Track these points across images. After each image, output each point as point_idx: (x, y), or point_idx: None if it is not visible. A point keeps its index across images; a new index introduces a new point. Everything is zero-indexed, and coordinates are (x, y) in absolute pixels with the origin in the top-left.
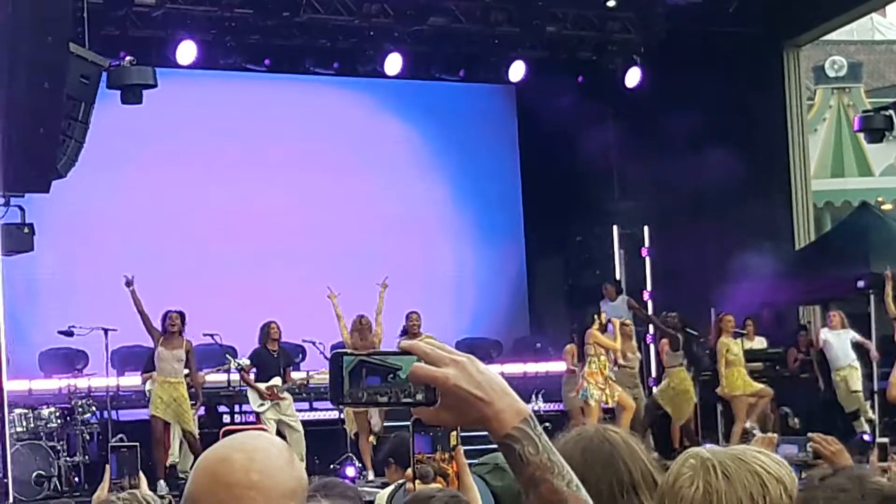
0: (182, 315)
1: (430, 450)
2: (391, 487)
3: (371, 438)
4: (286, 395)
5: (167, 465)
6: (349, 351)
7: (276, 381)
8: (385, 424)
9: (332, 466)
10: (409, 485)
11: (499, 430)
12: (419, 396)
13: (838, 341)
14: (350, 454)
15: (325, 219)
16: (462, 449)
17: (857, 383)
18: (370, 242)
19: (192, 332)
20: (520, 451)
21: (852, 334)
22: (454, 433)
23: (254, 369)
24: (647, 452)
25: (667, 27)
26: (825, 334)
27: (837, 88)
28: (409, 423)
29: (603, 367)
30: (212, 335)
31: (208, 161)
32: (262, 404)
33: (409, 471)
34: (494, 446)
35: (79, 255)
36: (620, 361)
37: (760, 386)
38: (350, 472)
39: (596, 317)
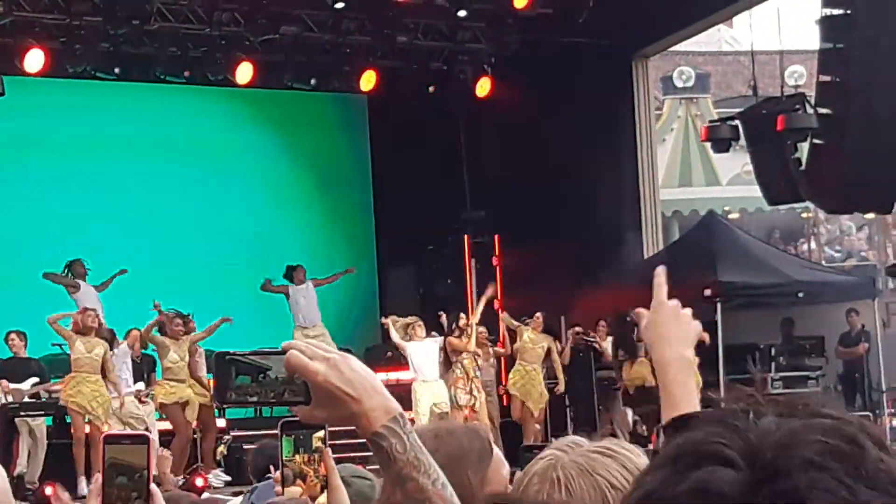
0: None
1: (292, 452)
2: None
3: (221, 449)
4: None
5: (14, 475)
6: (229, 352)
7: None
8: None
9: (182, 478)
10: (277, 488)
11: (367, 428)
12: (287, 395)
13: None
14: (200, 464)
15: (175, 228)
16: (330, 451)
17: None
18: (220, 251)
19: (41, 343)
20: (388, 449)
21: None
22: (317, 435)
23: None
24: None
25: (517, 37)
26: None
27: (685, 99)
28: (260, 431)
29: (466, 370)
30: (60, 345)
31: (58, 169)
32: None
33: (278, 474)
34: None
35: None
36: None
37: None
38: (199, 482)
39: (455, 325)
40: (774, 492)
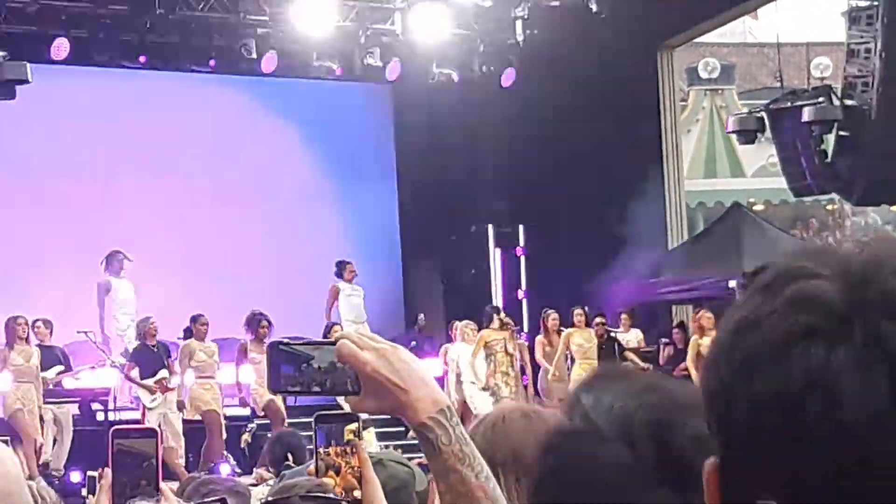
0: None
1: (325, 444)
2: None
3: (246, 436)
4: (174, 385)
5: (40, 462)
6: (282, 340)
7: (164, 373)
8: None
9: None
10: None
11: (414, 419)
12: (328, 385)
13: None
14: (225, 452)
15: (200, 216)
16: (363, 443)
17: None
18: (245, 240)
19: (67, 331)
20: (433, 440)
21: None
22: (349, 427)
23: (136, 367)
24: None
25: (543, 27)
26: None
27: (710, 90)
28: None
29: (500, 364)
30: (85, 332)
31: (82, 157)
32: (154, 399)
33: (312, 466)
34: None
35: None
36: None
37: None
38: (224, 469)
39: (495, 315)
40: (870, 292)
